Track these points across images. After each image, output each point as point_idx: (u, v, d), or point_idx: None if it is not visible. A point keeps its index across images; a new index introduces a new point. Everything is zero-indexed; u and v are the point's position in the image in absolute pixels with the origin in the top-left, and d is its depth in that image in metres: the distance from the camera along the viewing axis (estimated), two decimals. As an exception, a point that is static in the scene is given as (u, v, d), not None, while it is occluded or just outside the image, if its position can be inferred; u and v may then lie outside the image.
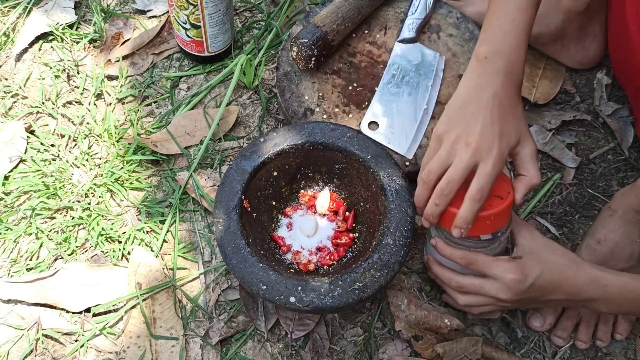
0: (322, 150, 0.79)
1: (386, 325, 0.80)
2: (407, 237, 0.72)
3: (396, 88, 0.90)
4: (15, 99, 0.96)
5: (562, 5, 0.92)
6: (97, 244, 0.84)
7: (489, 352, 0.77)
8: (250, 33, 1.04)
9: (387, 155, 0.78)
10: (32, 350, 0.78)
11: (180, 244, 0.85)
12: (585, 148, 0.95)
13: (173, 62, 1.01)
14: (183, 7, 0.89)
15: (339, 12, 0.90)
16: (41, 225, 0.85)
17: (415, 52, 0.93)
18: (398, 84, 0.90)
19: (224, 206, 0.74)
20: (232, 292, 0.82)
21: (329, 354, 0.78)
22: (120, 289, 0.81)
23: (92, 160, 0.91)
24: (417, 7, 0.95)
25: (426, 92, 0.90)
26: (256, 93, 0.98)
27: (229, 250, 0.71)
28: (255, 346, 0.79)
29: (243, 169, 0.76)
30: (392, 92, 0.89)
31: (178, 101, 0.96)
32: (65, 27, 1.02)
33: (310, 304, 0.68)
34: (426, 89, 0.90)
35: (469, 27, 0.96)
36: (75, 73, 0.98)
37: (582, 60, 0.99)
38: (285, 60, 0.93)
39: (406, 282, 0.83)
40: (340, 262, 0.79)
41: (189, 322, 0.80)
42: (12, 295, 0.80)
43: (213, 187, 0.89)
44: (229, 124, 0.94)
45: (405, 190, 0.75)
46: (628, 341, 0.81)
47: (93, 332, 0.78)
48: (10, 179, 0.88)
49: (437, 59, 0.92)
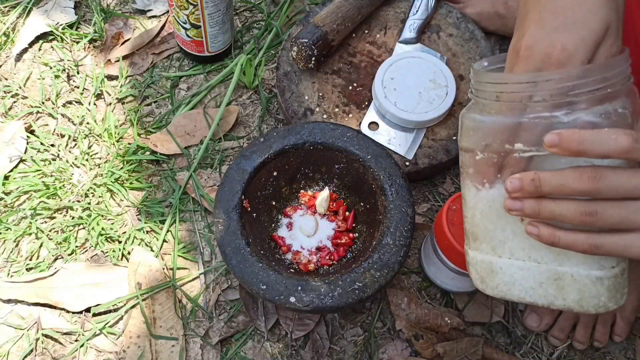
0: (322, 150, 0.79)
1: (386, 325, 0.80)
2: (407, 237, 0.72)
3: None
4: (15, 99, 0.96)
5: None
6: (97, 244, 0.84)
7: (490, 352, 0.77)
8: (250, 33, 1.04)
9: (387, 155, 0.78)
10: (32, 350, 0.78)
11: (180, 244, 0.85)
12: (585, 148, 0.95)
13: (173, 62, 1.01)
14: (183, 7, 0.89)
15: (339, 12, 0.90)
16: (41, 225, 0.85)
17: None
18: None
19: (224, 206, 0.74)
20: (232, 292, 0.82)
21: (329, 354, 0.78)
22: (120, 289, 0.81)
23: (92, 160, 0.91)
24: (419, 8, 0.95)
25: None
26: (256, 93, 0.98)
27: (229, 250, 0.71)
28: (255, 346, 0.79)
29: (243, 169, 0.76)
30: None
31: (178, 101, 0.96)
32: (65, 27, 1.02)
33: (310, 304, 0.68)
34: (426, 89, 0.90)
35: (469, 27, 0.96)
36: (75, 73, 0.98)
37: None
38: (285, 60, 0.93)
39: (406, 282, 0.83)
40: (340, 262, 0.79)
41: (189, 322, 0.80)
42: (12, 295, 0.80)
43: (213, 187, 0.89)
44: (229, 124, 0.94)
45: (405, 190, 0.75)
46: (628, 341, 0.81)
47: (93, 332, 0.78)
48: (10, 179, 0.88)
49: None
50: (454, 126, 0.89)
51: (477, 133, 0.52)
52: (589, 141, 0.45)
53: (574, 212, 0.47)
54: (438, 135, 0.88)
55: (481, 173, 0.54)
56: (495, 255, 0.55)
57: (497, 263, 0.55)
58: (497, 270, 0.56)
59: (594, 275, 0.52)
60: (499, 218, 0.53)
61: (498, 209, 0.53)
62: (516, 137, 0.50)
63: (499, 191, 0.53)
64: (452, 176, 0.91)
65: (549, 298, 0.54)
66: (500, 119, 0.50)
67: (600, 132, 0.45)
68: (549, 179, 0.47)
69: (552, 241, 0.49)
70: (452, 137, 0.88)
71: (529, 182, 0.48)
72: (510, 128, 0.50)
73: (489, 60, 0.56)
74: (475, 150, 0.53)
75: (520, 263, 0.54)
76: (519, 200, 0.50)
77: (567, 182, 0.46)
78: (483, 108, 0.52)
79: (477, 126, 0.52)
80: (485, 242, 0.56)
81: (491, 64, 0.56)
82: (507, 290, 0.56)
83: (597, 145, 0.45)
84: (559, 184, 0.47)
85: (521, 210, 0.50)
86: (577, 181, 0.46)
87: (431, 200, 0.89)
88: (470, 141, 0.53)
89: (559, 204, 0.48)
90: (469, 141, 0.53)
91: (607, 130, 0.45)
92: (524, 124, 0.49)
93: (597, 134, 0.45)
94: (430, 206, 0.89)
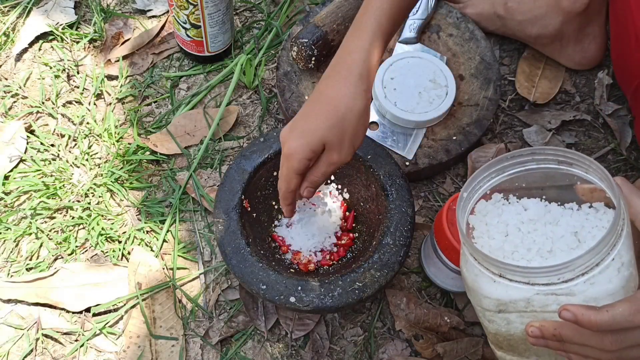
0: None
1: (386, 325, 0.80)
2: (407, 237, 0.72)
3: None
4: (15, 99, 0.96)
5: (562, 6, 0.92)
6: (97, 244, 0.84)
7: (490, 352, 0.77)
8: (250, 33, 1.04)
9: (387, 155, 0.78)
10: (32, 350, 0.78)
11: (180, 243, 0.85)
12: (586, 148, 0.95)
13: (173, 62, 1.01)
14: (183, 7, 0.89)
15: (339, 12, 0.90)
16: (41, 225, 0.85)
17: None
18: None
19: (224, 206, 0.74)
20: (232, 292, 0.82)
21: (329, 354, 0.78)
22: (120, 289, 0.81)
23: (92, 160, 0.91)
24: (419, 8, 0.95)
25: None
26: (256, 93, 0.98)
27: (229, 250, 0.71)
28: (255, 346, 0.79)
29: (243, 168, 0.76)
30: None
31: (178, 101, 0.96)
32: (65, 27, 1.02)
33: (310, 304, 0.68)
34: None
35: (469, 27, 0.96)
36: (75, 73, 0.98)
37: (580, 61, 0.99)
38: (285, 60, 0.93)
39: (406, 282, 0.83)
40: (340, 262, 0.79)
41: (189, 322, 0.80)
42: (12, 295, 0.80)
43: (213, 187, 0.89)
44: (229, 123, 0.94)
45: (405, 190, 0.75)
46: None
47: (93, 332, 0.78)
48: (10, 179, 0.88)
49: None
50: (453, 126, 0.89)
51: (486, 299, 0.54)
52: (606, 325, 0.47)
53: (600, 356, 0.50)
54: (438, 135, 0.88)
55: (499, 318, 0.56)
56: (522, 357, 0.59)
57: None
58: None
59: None
60: (522, 341, 0.56)
61: (521, 337, 0.55)
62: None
63: (519, 327, 0.55)
64: (452, 176, 0.91)
65: None
66: (511, 293, 0.52)
67: (615, 312, 0.47)
68: (571, 337, 0.50)
69: None
70: (452, 137, 0.88)
71: (550, 335, 0.51)
72: (523, 300, 0.52)
73: (466, 189, 0.58)
74: (489, 310, 0.55)
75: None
76: (542, 339, 0.52)
77: (590, 343, 0.49)
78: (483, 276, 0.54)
79: (486, 295, 0.54)
80: (512, 351, 0.59)
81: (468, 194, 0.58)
82: None
83: (615, 327, 0.47)
84: (581, 342, 0.49)
85: (546, 346, 0.52)
86: (600, 345, 0.49)
87: (431, 200, 0.89)
88: (481, 304, 0.56)
89: (584, 349, 0.50)
90: (481, 304, 0.56)
91: (622, 310, 0.47)
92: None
93: (613, 318, 0.47)
94: (430, 206, 0.89)
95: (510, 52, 1.02)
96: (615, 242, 0.49)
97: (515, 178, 0.58)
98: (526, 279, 0.51)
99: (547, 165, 0.56)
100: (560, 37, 0.96)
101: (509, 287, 0.52)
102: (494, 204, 0.58)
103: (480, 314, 0.57)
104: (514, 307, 0.52)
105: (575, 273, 0.49)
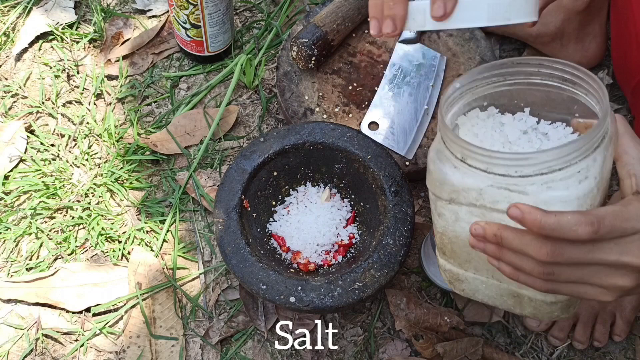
0: (322, 150, 0.79)
1: (386, 325, 0.80)
2: (407, 237, 0.72)
3: (397, 88, 0.90)
4: (15, 99, 0.96)
5: (563, 4, 0.92)
6: (97, 244, 0.84)
7: (490, 352, 0.77)
8: (250, 33, 1.04)
9: (387, 155, 0.78)
10: (32, 350, 0.78)
11: (180, 243, 0.85)
12: (585, 148, 0.95)
13: (173, 62, 1.01)
14: (183, 7, 0.89)
15: (339, 12, 0.90)
16: (41, 225, 0.85)
17: (416, 53, 0.93)
18: (399, 84, 0.90)
19: (224, 206, 0.74)
20: (232, 292, 0.82)
21: (329, 353, 0.78)
22: (120, 289, 0.81)
23: (92, 160, 0.91)
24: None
25: (427, 92, 0.90)
26: (256, 93, 0.98)
27: (229, 250, 0.71)
28: (255, 346, 0.79)
29: (243, 168, 0.76)
30: (392, 92, 0.89)
31: (178, 101, 0.96)
32: (65, 27, 1.02)
33: (310, 304, 0.68)
34: (427, 89, 0.90)
35: (469, 27, 0.96)
36: (75, 73, 0.98)
37: (580, 60, 0.99)
38: (285, 60, 0.93)
39: (406, 282, 0.83)
40: (340, 262, 0.79)
41: (189, 321, 0.80)
42: (12, 295, 0.80)
43: (213, 187, 0.89)
44: (229, 123, 0.94)
45: (405, 190, 0.75)
46: (628, 341, 0.81)
47: (93, 332, 0.78)
48: (10, 179, 0.88)
49: (438, 60, 0.92)
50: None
51: (443, 186, 0.54)
52: (549, 229, 0.45)
53: (533, 269, 0.49)
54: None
55: (449, 211, 0.56)
56: (461, 268, 0.60)
57: (463, 274, 0.60)
58: (463, 279, 0.61)
59: (549, 300, 0.56)
60: (465, 245, 0.56)
61: (464, 239, 0.55)
62: (480, 197, 0.52)
63: (465, 227, 0.54)
64: (452, 176, 0.91)
65: (509, 307, 0.60)
66: (467, 180, 0.52)
67: (562, 218, 0.45)
68: (510, 240, 0.49)
69: (514, 278, 0.51)
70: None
71: (492, 235, 0.50)
72: (476, 189, 0.51)
73: (460, 81, 0.56)
74: (442, 199, 0.55)
75: (483, 279, 0.59)
76: (482, 241, 0.51)
77: (527, 249, 0.48)
78: (449, 159, 0.53)
79: (443, 180, 0.53)
80: (453, 258, 0.59)
81: (462, 84, 0.56)
82: (472, 294, 0.62)
83: (557, 232, 0.46)
84: (519, 248, 0.48)
85: (483, 251, 0.51)
86: (536, 252, 0.47)
87: (431, 200, 0.89)
88: (436, 190, 0.55)
89: (519, 257, 0.49)
90: (436, 190, 0.55)
91: (570, 218, 0.45)
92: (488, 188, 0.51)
93: (558, 222, 0.45)
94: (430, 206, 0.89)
95: (510, 52, 1.02)
96: (586, 154, 0.47)
97: (515, 93, 0.55)
98: (485, 166, 0.49)
99: (551, 82, 0.53)
100: (561, 35, 0.96)
101: (466, 173, 0.51)
102: (487, 117, 0.57)
103: (433, 207, 0.57)
104: (465, 197, 0.51)
105: (535, 170, 0.48)
